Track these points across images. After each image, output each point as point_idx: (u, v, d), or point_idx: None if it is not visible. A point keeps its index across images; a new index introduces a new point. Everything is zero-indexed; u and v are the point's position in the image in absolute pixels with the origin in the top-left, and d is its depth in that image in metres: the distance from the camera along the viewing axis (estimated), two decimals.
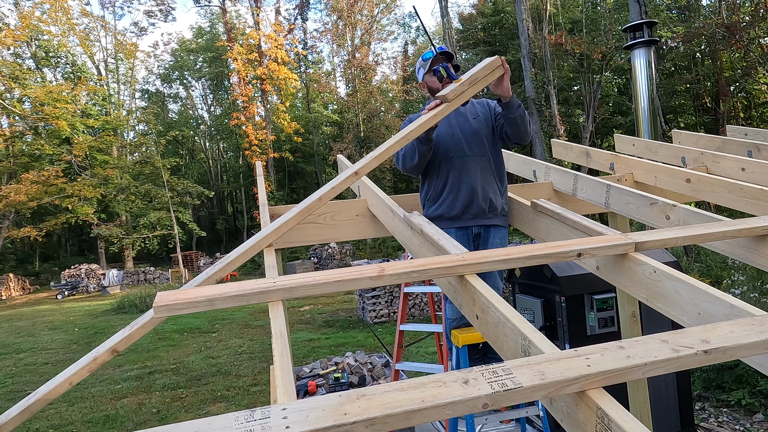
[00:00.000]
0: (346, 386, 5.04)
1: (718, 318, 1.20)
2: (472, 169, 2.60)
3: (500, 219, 2.64)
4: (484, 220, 2.61)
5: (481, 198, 2.58)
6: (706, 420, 4.38)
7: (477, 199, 2.58)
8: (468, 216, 2.60)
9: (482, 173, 2.61)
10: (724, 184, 2.34)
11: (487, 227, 2.63)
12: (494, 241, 2.62)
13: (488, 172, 2.63)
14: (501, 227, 2.65)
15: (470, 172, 2.60)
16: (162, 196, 26.74)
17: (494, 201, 2.60)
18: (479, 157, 2.62)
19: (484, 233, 2.63)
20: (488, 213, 2.60)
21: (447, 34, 25.64)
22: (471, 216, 2.60)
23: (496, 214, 2.62)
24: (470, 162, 2.60)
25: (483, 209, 2.59)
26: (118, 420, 5.81)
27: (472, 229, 2.62)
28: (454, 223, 2.60)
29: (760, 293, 5.52)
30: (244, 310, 12.60)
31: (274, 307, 1.28)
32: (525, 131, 2.57)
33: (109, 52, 34.86)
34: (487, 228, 2.63)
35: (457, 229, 2.58)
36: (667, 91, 21.45)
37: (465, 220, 2.60)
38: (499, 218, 2.63)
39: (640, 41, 8.23)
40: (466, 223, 2.60)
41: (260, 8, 32.04)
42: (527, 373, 0.87)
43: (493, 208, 2.60)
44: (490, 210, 2.60)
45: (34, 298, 22.74)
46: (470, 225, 2.61)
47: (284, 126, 30.42)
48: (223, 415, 0.78)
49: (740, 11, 17.98)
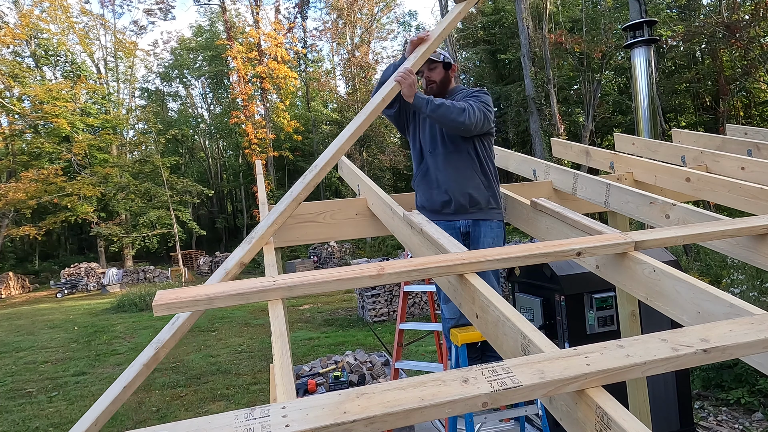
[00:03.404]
0: (345, 385, 5.04)
1: (718, 317, 1.20)
2: (447, 165, 2.59)
3: (488, 213, 2.60)
4: (469, 215, 2.59)
5: (458, 194, 2.57)
6: (706, 419, 4.38)
7: (454, 195, 2.57)
8: (449, 211, 2.59)
9: (458, 169, 2.58)
10: (723, 183, 2.34)
11: (476, 223, 2.60)
12: (485, 240, 2.58)
13: (466, 167, 2.59)
14: (491, 221, 2.61)
15: (445, 168, 2.59)
16: (162, 194, 26.72)
17: (475, 196, 2.57)
18: (456, 152, 2.60)
19: (474, 230, 2.61)
20: (471, 208, 2.58)
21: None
22: (452, 211, 2.59)
23: (481, 208, 2.59)
24: (445, 158, 2.60)
25: (463, 205, 2.57)
26: (117, 418, 5.81)
27: (459, 225, 2.60)
28: (438, 216, 2.59)
29: (759, 292, 5.52)
30: (244, 308, 12.60)
31: (274, 306, 1.28)
32: (451, 126, 2.47)
33: (108, 51, 34.83)
34: (476, 223, 2.60)
35: (446, 223, 2.56)
36: (667, 90, 21.44)
37: (447, 215, 2.60)
38: (486, 212, 2.59)
39: (640, 40, 8.21)
40: (449, 218, 2.59)
41: (260, 7, 32.00)
42: (527, 371, 0.87)
43: (474, 203, 2.58)
44: (472, 205, 2.58)
45: (33, 296, 22.74)
46: (453, 220, 2.59)
47: (284, 125, 30.39)
48: (222, 414, 0.79)
49: (740, 10, 17.96)
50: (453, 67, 2.80)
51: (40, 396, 6.97)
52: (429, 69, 2.70)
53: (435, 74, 2.72)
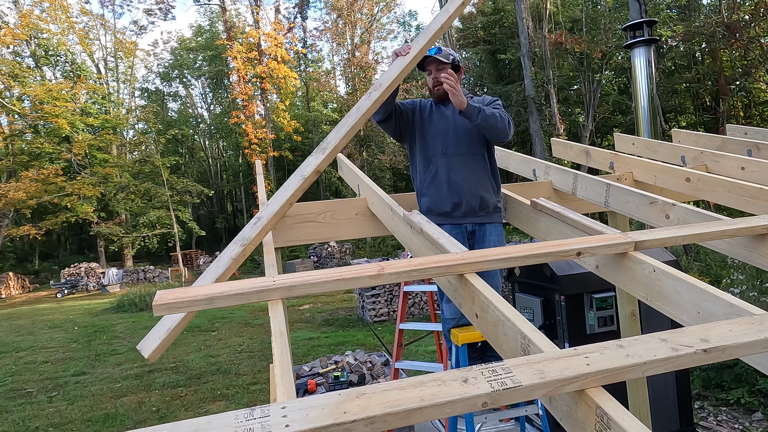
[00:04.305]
0: (345, 385, 5.04)
1: (718, 317, 1.20)
2: (461, 167, 2.60)
3: (495, 216, 2.65)
4: (476, 218, 2.62)
5: (470, 196, 2.58)
6: (706, 419, 4.38)
7: (466, 197, 2.58)
8: (458, 214, 2.60)
9: (472, 171, 2.60)
10: (723, 183, 2.34)
11: (481, 225, 2.63)
12: (491, 239, 2.63)
13: (479, 170, 2.62)
14: (496, 224, 2.66)
15: (459, 169, 2.60)
16: (162, 194, 26.72)
17: (486, 199, 2.60)
18: (470, 155, 2.62)
19: (479, 231, 2.64)
20: (479, 211, 2.61)
21: (447, 32, 25.61)
22: (461, 214, 2.60)
23: (489, 211, 2.63)
24: (460, 160, 2.61)
25: (473, 207, 2.59)
26: (117, 418, 5.81)
27: (467, 227, 2.62)
28: (446, 219, 2.59)
29: (759, 292, 5.52)
30: (244, 308, 12.60)
31: (274, 306, 1.28)
32: (495, 134, 2.55)
33: (108, 51, 34.80)
34: (482, 225, 2.63)
35: (452, 225, 2.58)
36: (667, 90, 21.43)
37: (456, 217, 2.60)
38: (493, 215, 2.64)
39: (640, 40, 8.21)
40: (458, 221, 2.60)
41: (260, 7, 32.01)
42: (527, 371, 0.87)
43: (485, 206, 2.61)
44: (482, 208, 2.61)
45: (33, 296, 22.74)
46: (462, 223, 2.61)
47: (284, 125, 30.39)
48: (222, 414, 0.79)
49: (740, 10, 17.95)
50: (461, 69, 2.78)
51: (40, 396, 6.97)
52: (437, 70, 2.67)
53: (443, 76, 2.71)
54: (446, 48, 2.82)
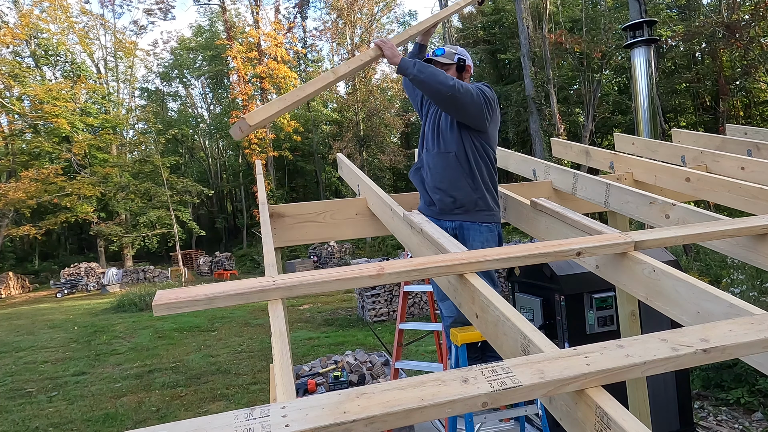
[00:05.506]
0: (345, 385, 5.04)
1: (718, 317, 1.20)
2: (435, 165, 2.59)
3: (475, 215, 2.52)
4: (453, 216, 2.54)
5: (443, 194, 2.55)
6: (705, 419, 4.38)
7: (439, 194, 2.56)
8: (435, 210, 2.58)
9: (446, 169, 2.55)
10: (723, 183, 2.34)
11: (462, 225, 2.54)
12: (474, 244, 2.49)
13: (454, 167, 2.53)
14: (480, 224, 2.52)
15: (432, 168, 2.60)
16: (161, 194, 26.72)
17: (459, 197, 2.51)
18: (444, 153, 2.58)
19: (461, 232, 2.54)
20: (455, 209, 2.53)
21: (447, 32, 25.63)
22: (437, 212, 2.57)
23: (467, 210, 2.52)
24: (435, 158, 2.61)
25: (447, 205, 2.54)
26: (117, 418, 5.81)
27: (446, 225, 2.52)
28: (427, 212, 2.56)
29: (759, 292, 5.52)
30: (244, 308, 12.60)
31: (274, 306, 1.28)
32: (438, 91, 2.34)
33: (108, 51, 34.80)
34: (462, 225, 2.54)
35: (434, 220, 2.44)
36: (666, 90, 21.43)
37: (434, 213, 2.57)
38: (473, 214, 2.52)
39: (639, 40, 8.21)
40: (437, 216, 2.55)
41: (260, 6, 32.03)
42: (526, 371, 0.87)
43: (459, 204, 2.52)
44: (458, 206, 2.52)
45: (33, 296, 22.73)
46: (441, 219, 2.53)
47: (284, 124, 30.36)
48: (222, 414, 0.79)
49: (740, 10, 17.95)
50: (467, 68, 2.71)
51: (40, 396, 6.97)
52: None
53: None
54: (451, 48, 2.74)
